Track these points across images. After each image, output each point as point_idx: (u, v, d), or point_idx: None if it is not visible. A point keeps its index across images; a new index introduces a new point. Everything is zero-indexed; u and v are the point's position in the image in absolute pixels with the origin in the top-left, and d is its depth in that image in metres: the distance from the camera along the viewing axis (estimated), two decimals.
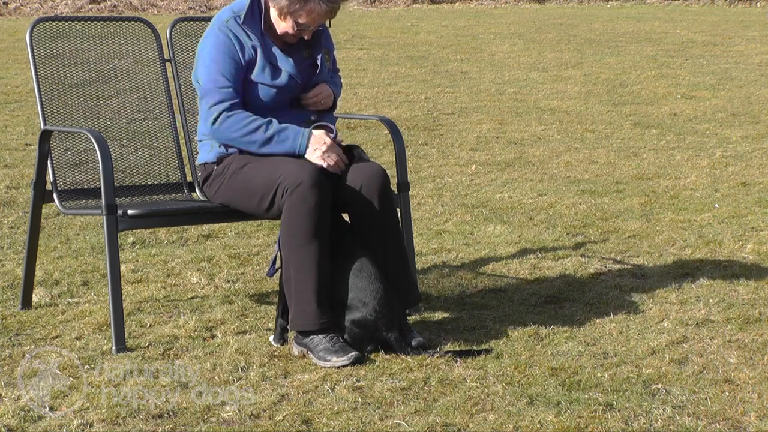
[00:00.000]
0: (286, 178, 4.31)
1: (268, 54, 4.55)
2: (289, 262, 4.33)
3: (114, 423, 3.70)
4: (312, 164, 4.39)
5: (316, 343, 4.26)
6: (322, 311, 4.29)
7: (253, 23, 4.53)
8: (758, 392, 3.94)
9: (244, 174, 4.45)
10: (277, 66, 4.55)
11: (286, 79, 4.55)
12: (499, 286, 5.31)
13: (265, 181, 4.38)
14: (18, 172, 7.62)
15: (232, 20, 4.53)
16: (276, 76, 4.55)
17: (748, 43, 16.60)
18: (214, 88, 4.47)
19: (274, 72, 4.55)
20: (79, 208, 4.76)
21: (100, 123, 5.03)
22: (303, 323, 4.29)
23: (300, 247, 4.28)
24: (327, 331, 4.29)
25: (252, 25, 4.53)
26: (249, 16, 4.53)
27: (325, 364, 4.20)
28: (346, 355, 4.20)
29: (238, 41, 4.51)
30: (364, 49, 15.34)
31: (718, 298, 5.03)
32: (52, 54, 4.91)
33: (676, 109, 10.87)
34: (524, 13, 22.17)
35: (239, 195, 4.48)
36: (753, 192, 7.33)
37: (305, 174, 4.30)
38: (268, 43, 4.56)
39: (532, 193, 7.33)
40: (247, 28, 4.52)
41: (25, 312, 4.86)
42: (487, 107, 10.96)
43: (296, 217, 4.29)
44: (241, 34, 4.52)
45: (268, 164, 4.41)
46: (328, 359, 4.20)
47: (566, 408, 3.80)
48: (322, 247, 4.29)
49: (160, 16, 19.59)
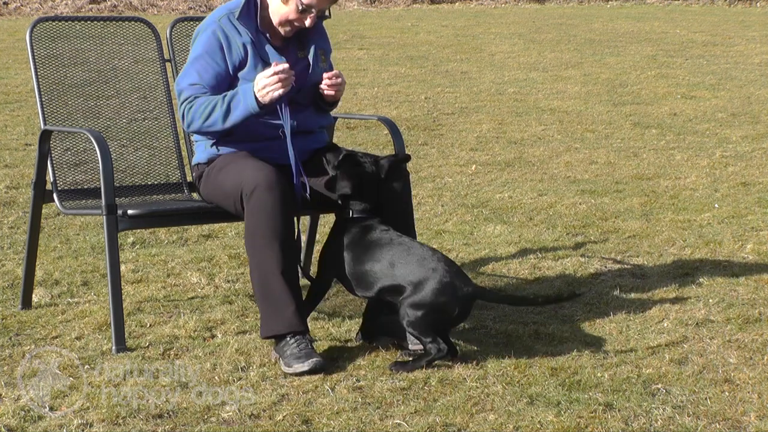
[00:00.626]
0: (244, 182, 4.27)
1: (261, 52, 4.50)
2: (253, 267, 4.29)
3: (114, 423, 3.70)
4: (267, 166, 4.32)
5: (285, 348, 4.19)
6: (286, 315, 4.22)
7: (248, 19, 4.49)
8: (758, 392, 3.94)
9: (221, 177, 4.44)
10: (270, 64, 4.48)
11: None
12: (499, 286, 5.31)
13: (232, 184, 4.35)
14: (18, 172, 7.62)
15: (225, 18, 4.49)
16: None
17: (748, 43, 16.60)
18: (186, 86, 4.44)
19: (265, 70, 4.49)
20: (79, 208, 4.76)
21: (100, 123, 5.03)
22: (269, 329, 4.24)
23: (260, 249, 4.23)
24: (296, 335, 4.21)
25: (247, 21, 4.49)
26: (244, 13, 4.49)
27: (287, 370, 4.13)
28: (308, 360, 4.10)
29: (227, 40, 4.46)
30: (364, 49, 15.34)
31: (718, 298, 5.03)
32: (52, 54, 4.91)
33: (676, 109, 10.87)
34: (524, 13, 22.17)
35: (220, 198, 4.47)
36: (753, 192, 7.33)
37: (260, 177, 4.25)
38: (262, 40, 4.52)
39: (532, 193, 7.33)
40: (241, 25, 4.47)
41: (25, 312, 4.85)
42: (487, 107, 10.96)
43: (255, 220, 4.24)
44: (232, 32, 4.47)
45: (236, 168, 4.38)
46: (291, 365, 4.13)
47: (566, 408, 3.80)
48: (284, 249, 4.22)
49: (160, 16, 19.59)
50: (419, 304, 4.16)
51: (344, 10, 22.49)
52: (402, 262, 4.24)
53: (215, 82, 4.44)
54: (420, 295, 4.16)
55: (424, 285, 4.17)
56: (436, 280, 4.16)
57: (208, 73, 4.44)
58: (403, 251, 4.26)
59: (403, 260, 4.24)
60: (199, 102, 4.40)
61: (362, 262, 4.31)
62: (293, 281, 4.25)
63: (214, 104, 4.38)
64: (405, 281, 4.21)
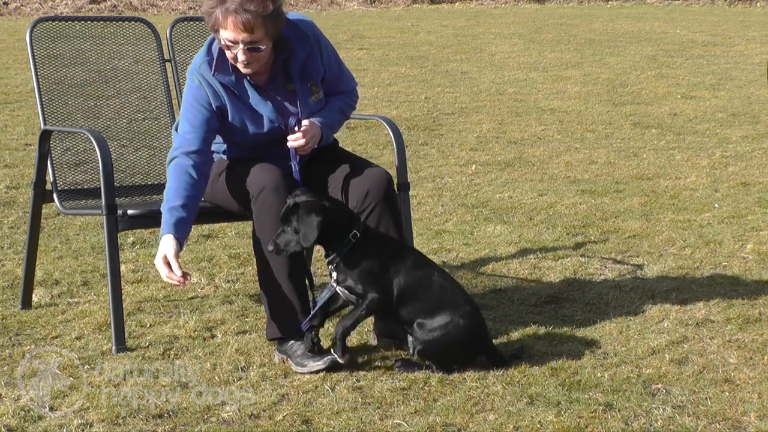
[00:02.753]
0: (251, 184, 4.25)
1: (243, 96, 4.35)
2: (260, 268, 4.28)
3: (114, 423, 3.70)
4: (274, 168, 4.28)
5: (294, 349, 4.20)
6: (293, 317, 4.22)
7: (223, 65, 4.31)
8: (758, 392, 3.94)
9: (227, 178, 4.42)
10: (256, 111, 4.37)
11: (267, 125, 4.37)
12: (499, 286, 5.31)
13: (239, 186, 4.33)
14: (18, 172, 7.62)
15: (204, 65, 4.33)
16: (255, 122, 4.37)
17: (748, 43, 16.60)
18: (180, 133, 4.33)
19: (252, 118, 4.37)
20: (79, 208, 4.76)
21: (100, 123, 5.04)
22: (277, 331, 4.25)
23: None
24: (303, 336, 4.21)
25: (222, 68, 4.31)
26: (218, 64, 4.30)
27: (302, 370, 4.14)
28: (322, 359, 4.12)
29: (210, 87, 4.32)
30: (364, 49, 15.34)
31: (718, 298, 5.03)
32: (52, 54, 4.91)
33: (676, 109, 10.87)
34: (524, 13, 22.16)
35: (224, 199, 4.46)
36: (753, 192, 7.33)
37: (267, 178, 4.23)
38: (242, 84, 4.34)
39: (532, 193, 7.33)
40: (219, 75, 4.30)
41: (25, 312, 4.86)
42: (487, 107, 10.96)
43: (263, 221, 4.24)
44: (213, 81, 4.32)
45: (243, 169, 4.35)
46: (304, 365, 4.14)
47: (566, 408, 3.80)
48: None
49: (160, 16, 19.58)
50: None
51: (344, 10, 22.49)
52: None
53: (206, 128, 4.31)
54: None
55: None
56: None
57: (198, 119, 4.31)
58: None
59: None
60: (173, 171, 4.24)
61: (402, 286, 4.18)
62: (300, 282, 4.26)
63: (165, 191, 4.23)
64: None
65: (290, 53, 4.37)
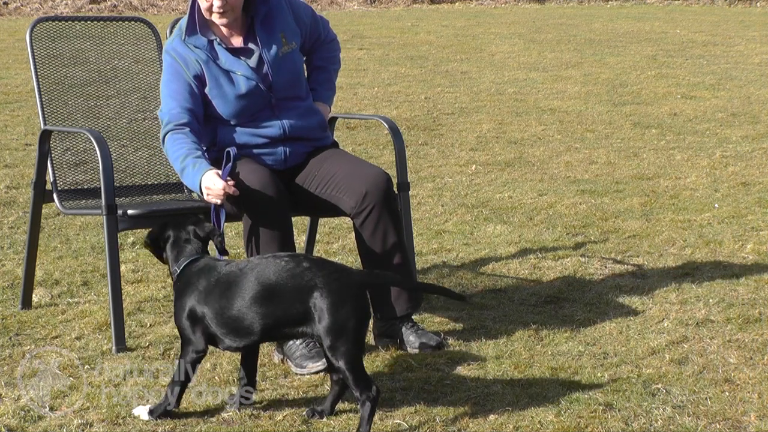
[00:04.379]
0: (240, 183, 4.26)
1: (219, 61, 4.43)
2: None
3: (114, 423, 3.70)
4: (263, 168, 4.32)
5: (293, 349, 4.20)
6: None
7: (193, 33, 4.42)
8: (758, 392, 3.94)
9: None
10: (231, 73, 4.43)
11: (245, 83, 4.43)
12: (499, 286, 5.31)
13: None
14: (18, 172, 7.62)
15: (176, 39, 4.44)
16: (233, 83, 4.43)
17: (748, 43, 16.60)
18: (165, 111, 4.39)
19: (229, 80, 4.43)
20: (79, 208, 4.76)
21: (100, 123, 5.03)
22: None
23: (257, 250, 4.23)
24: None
25: (193, 35, 4.42)
26: (190, 28, 4.42)
27: (301, 371, 4.14)
28: (322, 360, 4.10)
29: (184, 60, 4.40)
30: (364, 49, 15.34)
31: (718, 298, 5.03)
32: (52, 54, 4.91)
33: (676, 109, 10.87)
34: (524, 13, 22.16)
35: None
36: (753, 192, 7.33)
37: (255, 179, 4.25)
38: (216, 50, 4.44)
39: (532, 193, 7.33)
40: (191, 42, 4.41)
41: (25, 312, 4.86)
42: (487, 107, 10.96)
43: (253, 221, 4.25)
44: (185, 51, 4.41)
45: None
46: (303, 366, 4.14)
47: (566, 408, 3.80)
48: (283, 250, 4.21)
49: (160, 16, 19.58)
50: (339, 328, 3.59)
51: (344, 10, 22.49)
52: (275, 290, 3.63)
53: (191, 102, 4.38)
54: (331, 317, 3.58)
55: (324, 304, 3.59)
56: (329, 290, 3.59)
57: (181, 94, 4.39)
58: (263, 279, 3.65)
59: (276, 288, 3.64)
60: (174, 140, 4.32)
61: (230, 308, 3.68)
62: None
63: (176, 156, 4.29)
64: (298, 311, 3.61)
65: (255, 10, 4.48)
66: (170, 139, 4.34)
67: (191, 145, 4.30)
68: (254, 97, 4.46)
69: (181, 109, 4.37)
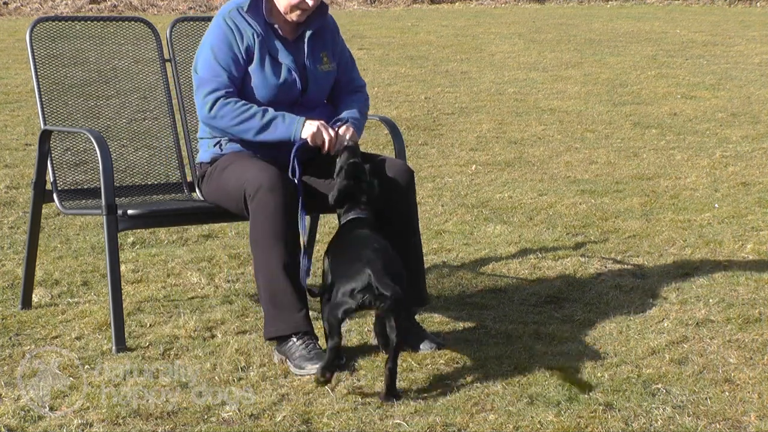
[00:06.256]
0: (248, 183, 4.27)
1: (270, 45, 4.51)
2: (257, 268, 4.28)
3: (114, 423, 3.70)
4: (271, 167, 4.32)
5: (293, 350, 4.19)
6: (291, 315, 4.21)
7: (256, 12, 4.50)
8: (758, 392, 3.94)
9: (224, 177, 4.44)
10: (277, 59, 4.50)
11: (286, 73, 4.51)
12: (499, 286, 5.31)
13: (236, 185, 4.35)
14: (18, 172, 7.62)
15: (234, 10, 4.51)
16: (275, 69, 4.51)
17: (748, 43, 16.60)
18: (210, 77, 4.44)
19: (273, 65, 4.50)
20: (79, 208, 4.76)
21: (100, 123, 5.03)
22: (274, 330, 4.24)
23: (264, 250, 4.23)
24: (302, 336, 4.21)
25: (255, 13, 4.50)
26: (253, 5, 4.50)
27: (300, 372, 4.12)
28: (320, 361, 4.06)
29: (239, 30, 4.48)
30: (364, 49, 15.33)
31: (718, 298, 5.03)
32: (52, 54, 4.91)
33: (676, 109, 10.87)
34: (524, 13, 22.17)
35: (223, 197, 4.47)
36: (753, 192, 7.33)
37: (264, 178, 4.25)
38: (270, 34, 4.52)
39: (532, 193, 7.33)
40: (250, 17, 4.49)
41: (25, 312, 4.85)
42: (487, 107, 10.96)
43: (259, 220, 4.24)
44: (242, 23, 4.49)
45: (240, 168, 4.38)
46: (303, 367, 4.13)
47: (566, 408, 3.80)
48: (288, 249, 4.22)
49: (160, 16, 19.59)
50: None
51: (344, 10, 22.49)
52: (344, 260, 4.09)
53: (236, 72, 4.46)
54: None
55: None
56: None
57: (229, 63, 4.46)
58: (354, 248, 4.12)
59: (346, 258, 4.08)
60: (238, 104, 4.41)
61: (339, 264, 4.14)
62: (297, 282, 4.24)
63: (253, 113, 4.40)
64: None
65: (309, 21, 4.58)
66: (226, 103, 4.40)
67: (256, 107, 4.41)
68: (289, 92, 4.52)
69: (229, 77, 4.44)
